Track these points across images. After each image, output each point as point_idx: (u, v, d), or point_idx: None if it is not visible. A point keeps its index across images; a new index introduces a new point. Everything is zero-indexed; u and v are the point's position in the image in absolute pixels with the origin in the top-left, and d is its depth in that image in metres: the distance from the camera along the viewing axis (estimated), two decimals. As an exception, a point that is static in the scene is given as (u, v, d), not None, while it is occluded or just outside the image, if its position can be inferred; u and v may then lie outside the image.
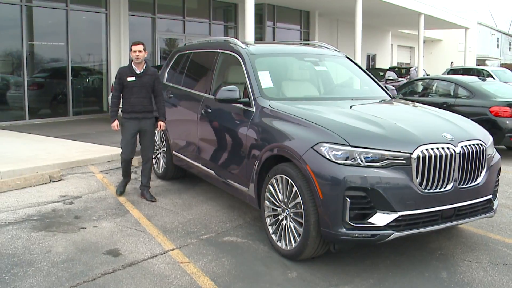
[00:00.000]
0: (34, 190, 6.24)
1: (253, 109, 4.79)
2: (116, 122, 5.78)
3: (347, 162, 3.76)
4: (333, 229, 3.74)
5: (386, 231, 3.71)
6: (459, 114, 5.09)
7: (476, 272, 4.01)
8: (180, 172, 6.70)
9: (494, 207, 4.35)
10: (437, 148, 3.86)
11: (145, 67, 5.73)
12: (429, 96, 10.56)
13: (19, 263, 4.03)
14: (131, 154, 5.85)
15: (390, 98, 5.60)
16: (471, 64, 30.65)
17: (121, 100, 5.83)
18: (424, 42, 25.79)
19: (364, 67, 12.36)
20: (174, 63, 7.01)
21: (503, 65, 38.14)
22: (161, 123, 5.85)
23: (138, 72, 5.66)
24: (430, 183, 3.82)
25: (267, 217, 4.40)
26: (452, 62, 31.83)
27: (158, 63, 15.46)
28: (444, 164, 3.86)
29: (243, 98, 4.92)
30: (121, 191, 6.04)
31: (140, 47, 5.65)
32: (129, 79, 5.64)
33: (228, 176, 5.14)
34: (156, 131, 6.28)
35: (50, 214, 5.31)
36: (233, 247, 4.46)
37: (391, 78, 19.97)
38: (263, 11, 19.84)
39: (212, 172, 5.46)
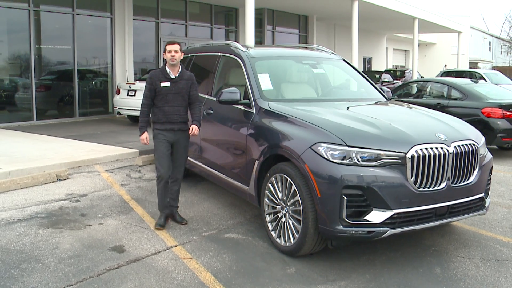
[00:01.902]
0: (42, 189, 6.24)
1: (253, 110, 4.79)
2: (146, 135, 4.83)
3: (344, 161, 3.76)
4: (330, 226, 3.73)
5: (381, 228, 3.71)
6: (452, 115, 5.08)
7: (468, 267, 4.01)
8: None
9: (486, 205, 4.35)
10: (431, 148, 3.86)
11: (181, 70, 4.86)
12: (423, 98, 10.56)
13: (27, 259, 4.03)
14: (169, 170, 4.87)
15: (385, 100, 5.60)
16: (464, 66, 30.66)
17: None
18: (418, 46, 25.79)
19: (361, 70, 12.35)
20: (177, 65, 6.99)
21: (494, 68, 38.16)
22: (194, 126, 4.86)
23: (173, 76, 4.79)
24: (424, 181, 3.81)
25: (267, 214, 4.40)
26: (445, 65, 31.86)
27: (161, 65, 15.44)
28: (437, 163, 3.86)
29: (243, 99, 4.92)
30: (161, 224, 4.82)
31: (176, 46, 4.77)
32: (162, 84, 4.76)
33: (229, 175, 5.14)
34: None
35: (57, 212, 5.31)
36: (234, 244, 4.46)
37: (386, 80, 20.00)
38: (263, 16, 19.85)
39: (214, 171, 5.46)
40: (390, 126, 4.11)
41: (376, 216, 3.70)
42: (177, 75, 4.82)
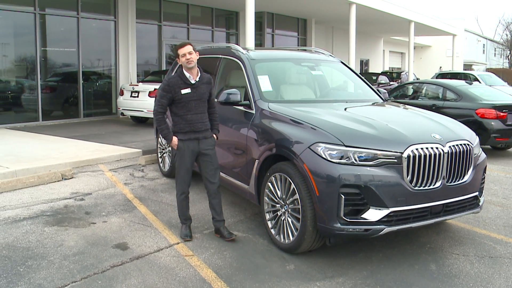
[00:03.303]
0: (47, 188, 6.24)
1: (253, 111, 4.79)
2: (176, 139, 4.36)
3: (342, 161, 3.76)
4: (328, 224, 3.73)
5: (378, 226, 3.71)
6: (447, 116, 5.09)
7: (463, 264, 4.01)
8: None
9: (480, 203, 4.35)
10: (427, 148, 3.86)
11: (200, 73, 4.38)
12: (419, 99, 10.56)
13: (33, 256, 4.03)
14: (189, 184, 4.50)
15: (382, 101, 5.60)
16: (459, 68, 30.65)
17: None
18: (414, 48, 25.80)
19: (358, 72, 12.28)
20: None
21: (488, 70, 38.13)
22: (215, 136, 4.57)
23: (193, 81, 4.30)
24: (420, 180, 3.81)
25: (267, 212, 4.40)
26: (440, 67, 31.83)
27: (163, 68, 15.47)
28: (433, 163, 3.86)
29: (244, 100, 4.92)
30: (187, 234, 4.48)
31: (189, 48, 4.26)
32: (183, 91, 4.26)
33: (229, 174, 5.14)
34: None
35: (62, 210, 5.31)
36: (234, 241, 4.46)
37: (383, 82, 19.96)
38: (263, 19, 19.85)
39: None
40: (387, 126, 4.11)
41: (373, 214, 3.70)
42: (197, 80, 4.33)
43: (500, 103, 8.97)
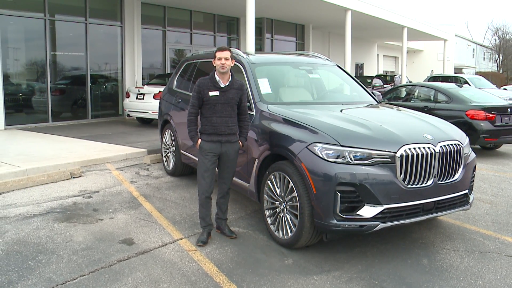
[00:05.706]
0: (57, 186, 6.24)
1: (253, 113, 4.79)
2: (200, 140, 4.31)
3: (338, 160, 3.76)
4: (325, 220, 3.73)
5: (373, 222, 3.71)
6: (438, 117, 5.08)
7: (454, 259, 4.01)
8: (188, 169, 6.70)
9: (470, 201, 4.35)
10: (419, 148, 3.86)
11: (231, 79, 4.28)
12: (411, 101, 10.56)
13: (43, 251, 4.03)
14: (211, 185, 4.31)
15: (376, 103, 5.59)
16: (449, 72, 30.65)
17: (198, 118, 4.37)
18: (407, 52, 25.78)
19: (353, 75, 12.24)
20: (182, 71, 7.01)
21: (478, 73, 38.14)
22: (240, 143, 4.43)
23: (222, 85, 4.21)
24: (412, 179, 3.81)
25: (266, 209, 4.40)
26: (432, 70, 31.85)
27: (168, 71, 15.46)
28: (425, 162, 3.86)
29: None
30: (203, 241, 4.26)
31: (227, 53, 4.20)
32: (211, 93, 4.19)
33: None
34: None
35: (71, 207, 5.31)
36: (235, 238, 4.45)
37: (377, 84, 19.99)
38: (263, 25, 19.85)
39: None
40: (381, 127, 4.11)
41: (367, 211, 3.70)
42: (227, 84, 4.23)
43: (489, 105, 8.97)
